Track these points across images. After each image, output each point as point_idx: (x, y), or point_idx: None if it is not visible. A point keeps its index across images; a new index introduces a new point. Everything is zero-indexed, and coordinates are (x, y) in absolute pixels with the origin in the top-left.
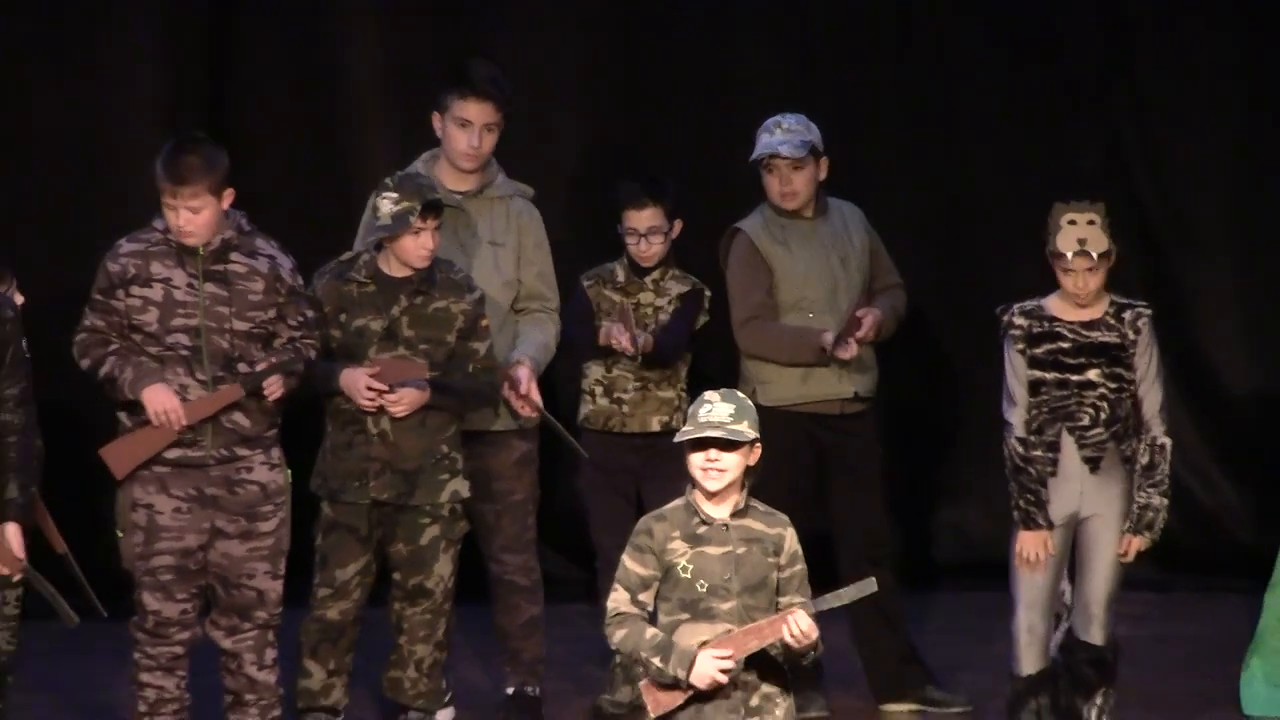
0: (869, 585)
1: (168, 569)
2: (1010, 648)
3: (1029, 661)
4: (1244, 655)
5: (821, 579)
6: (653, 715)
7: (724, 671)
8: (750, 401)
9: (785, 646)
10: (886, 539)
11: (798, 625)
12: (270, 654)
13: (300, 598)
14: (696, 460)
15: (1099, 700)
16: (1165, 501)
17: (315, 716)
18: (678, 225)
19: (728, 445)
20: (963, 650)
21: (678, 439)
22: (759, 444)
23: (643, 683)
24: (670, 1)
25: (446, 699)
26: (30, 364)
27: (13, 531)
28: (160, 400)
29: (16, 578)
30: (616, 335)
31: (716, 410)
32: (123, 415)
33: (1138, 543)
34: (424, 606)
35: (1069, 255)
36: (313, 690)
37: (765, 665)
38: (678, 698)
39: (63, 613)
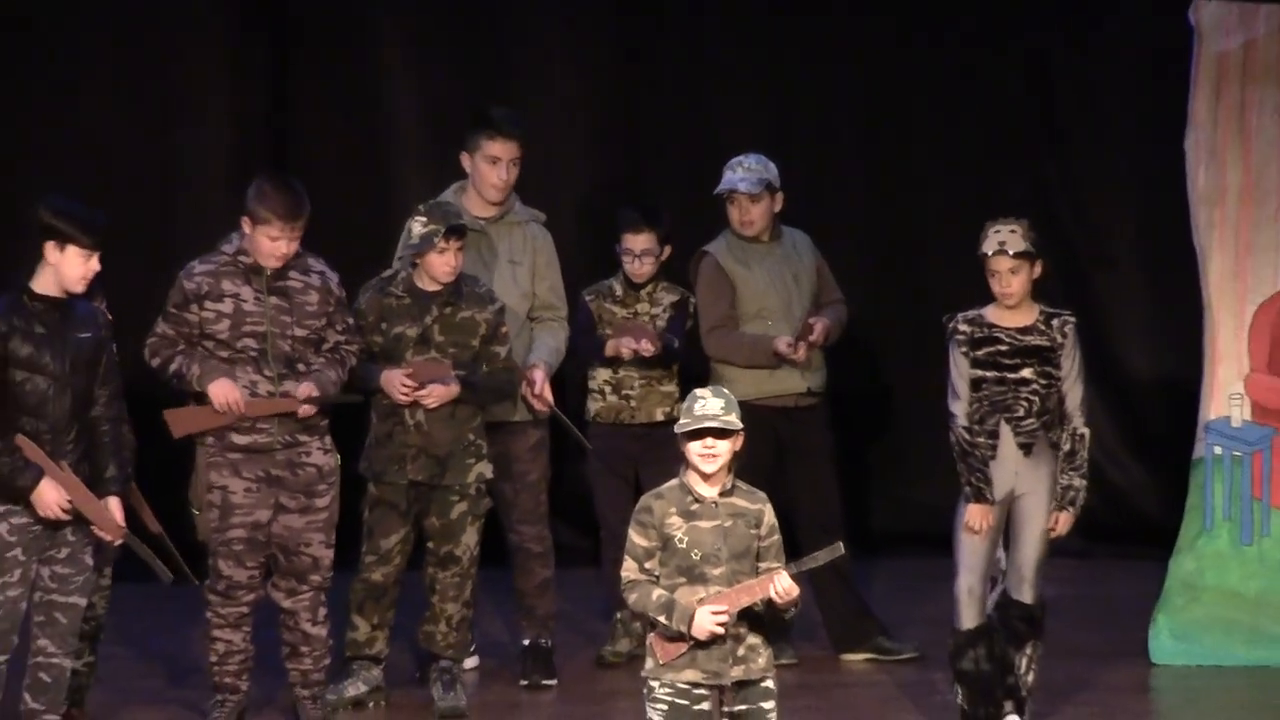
0: (838, 549)
1: (240, 540)
2: (952, 605)
3: (968, 617)
4: (1152, 613)
5: (786, 548)
6: (661, 662)
7: (720, 624)
8: (734, 396)
9: (769, 603)
10: (838, 511)
11: (780, 585)
12: (322, 611)
13: (348, 563)
14: (694, 448)
15: (1029, 651)
16: (1084, 482)
17: (361, 664)
18: (667, 249)
19: (720, 434)
20: (906, 607)
21: (677, 429)
22: (743, 432)
23: (652, 635)
24: (663, 59)
25: (472, 649)
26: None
27: (114, 504)
28: (224, 392)
29: (118, 542)
30: (626, 345)
31: (709, 404)
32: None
33: (1064, 518)
34: (453, 571)
35: (990, 254)
36: (359, 641)
37: (750, 620)
38: (681, 647)
39: (158, 570)
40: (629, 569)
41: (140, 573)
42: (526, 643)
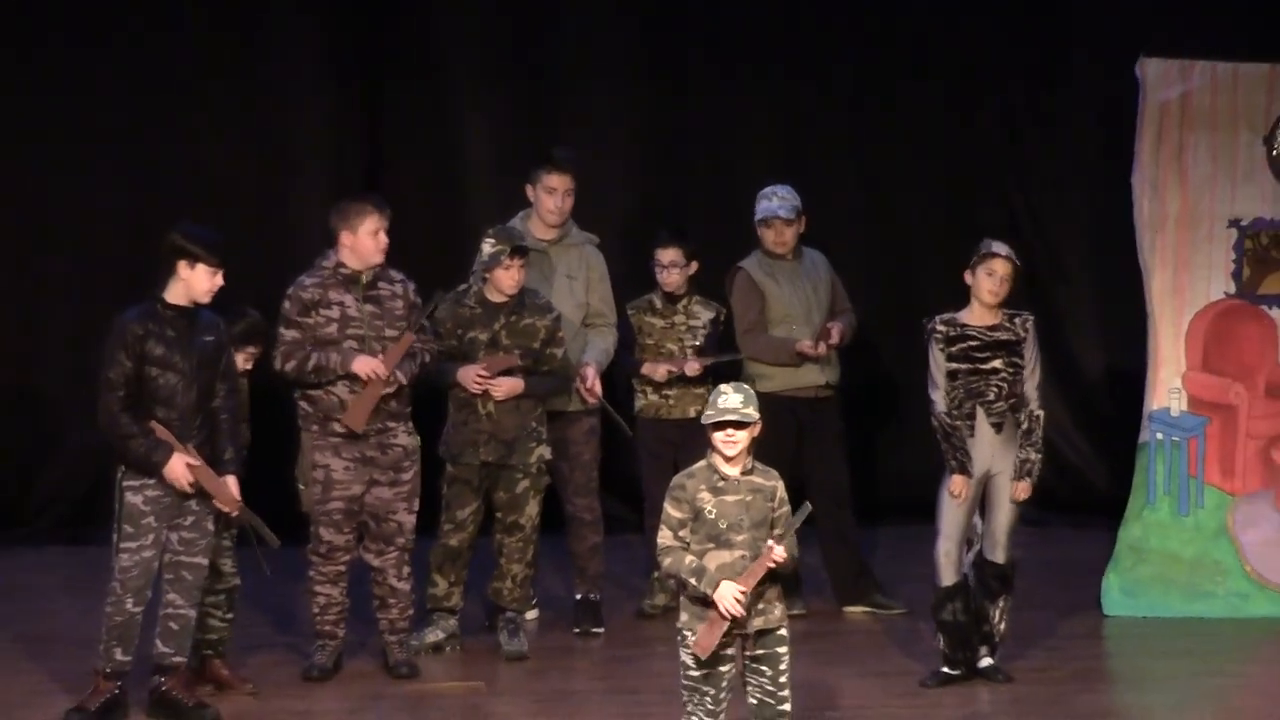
0: (806, 509)
1: (338, 510)
2: (934, 566)
3: (948, 576)
4: (1104, 572)
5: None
6: (703, 657)
7: (738, 601)
8: (753, 391)
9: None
10: (847, 486)
11: (775, 556)
12: (406, 570)
13: (428, 530)
14: (718, 436)
15: (1001, 603)
16: (1040, 456)
17: (440, 615)
18: (694, 265)
19: (739, 425)
20: (899, 568)
21: (703, 421)
22: (760, 423)
23: (693, 627)
24: (691, 107)
25: (533, 603)
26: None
27: (231, 481)
28: (367, 364)
29: (235, 513)
30: (665, 367)
31: (730, 399)
32: (304, 399)
33: (1023, 486)
34: (517, 537)
35: (1001, 255)
36: (438, 596)
37: (768, 579)
38: (716, 637)
39: (268, 537)
40: (664, 537)
41: (249, 539)
42: (579, 597)
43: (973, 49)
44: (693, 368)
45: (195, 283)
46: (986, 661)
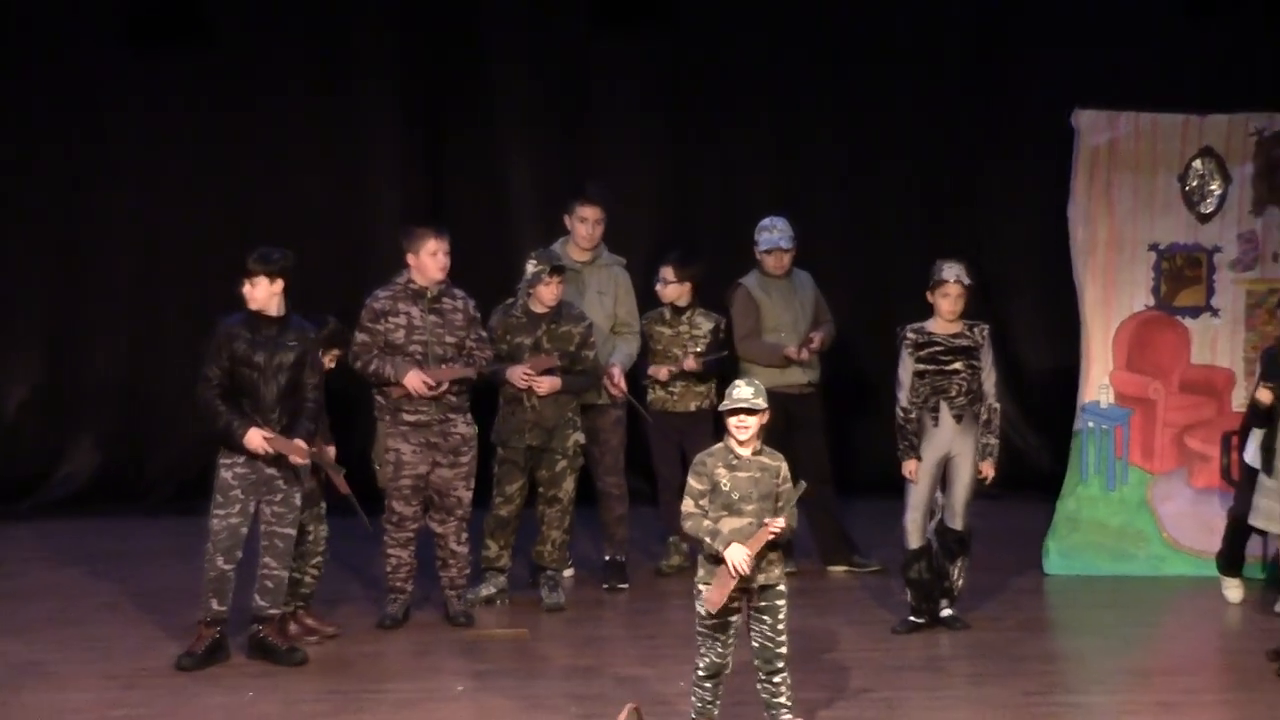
0: (802, 486)
1: (408, 487)
2: (902, 532)
3: (914, 540)
4: (1044, 538)
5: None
6: (713, 611)
7: (745, 563)
8: (762, 385)
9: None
10: (828, 466)
11: (775, 527)
12: (464, 536)
13: (483, 502)
14: (732, 422)
15: (959, 564)
16: (998, 441)
17: (492, 573)
18: (688, 285)
19: (750, 412)
20: (873, 534)
21: (720, 409)
22: (768, 411)
23: (707, 595)
24: (701, 152)
25: (569, 563)
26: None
27: (300, 442)
28: (413, 379)
29: (304, 463)
30: (667, 368)
31: (743, 391)
32: (380, 394)
33: (987, 466)
34: (557, 508)
35: (951, 280)
36: (490, 558)
37: (770, 545)
38: (725, 594)
39: (364, 520)
40: (687, 505)
41: (339, 512)
42: (607, 558)
43: (938, 99)
44: (689, 364)
45: (254, 293)
46: (947, 612)
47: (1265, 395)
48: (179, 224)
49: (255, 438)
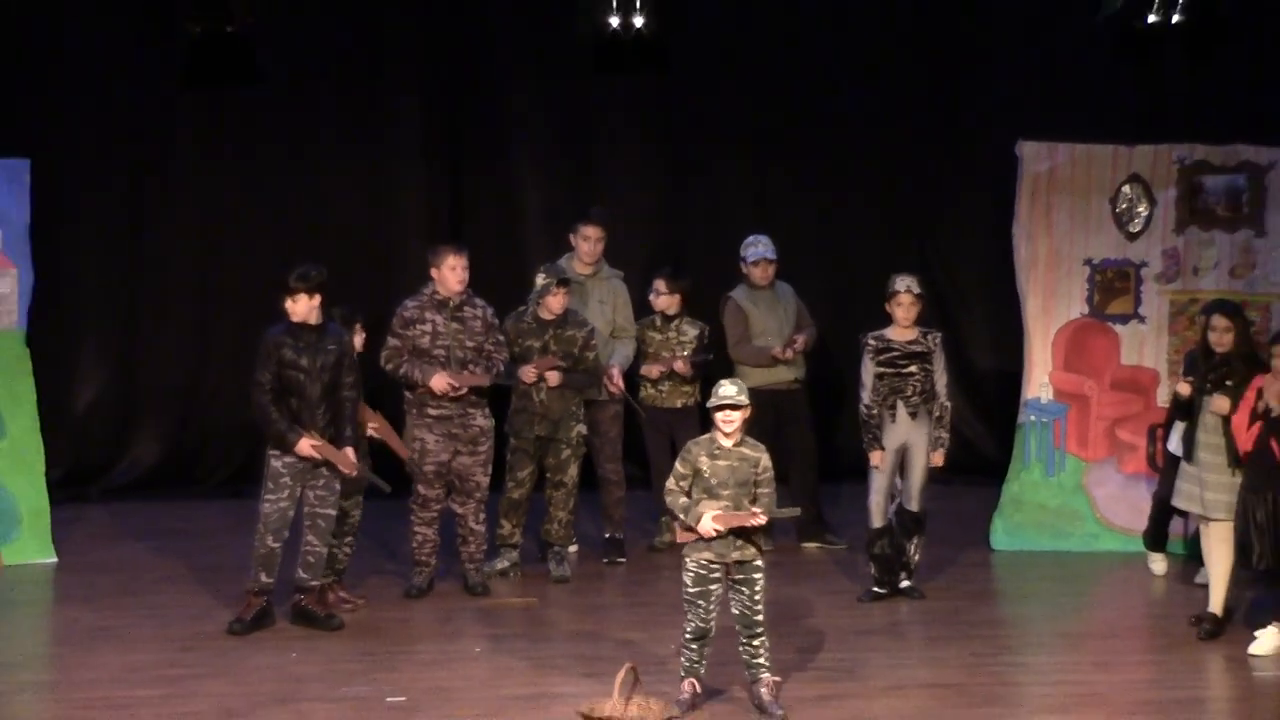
0: (796, 512)
1: (432, 472)
2: (867, 513)
3: (876, 519)
4: (991, 517)
5: (781, 478)
6: (679, 543)
7: (715, 527)
8: (749, 384)
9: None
10: (815, 454)
11: (756, 521)
12: (482, 515)
13: (497, 486)
14: (719, 416)
15: (915, 541)
16: (948, 435)
17: (505, 549)
18: (678, 296)
19: (734, 407)
20: (844, 514)
21: (708, 405)
22: (750, 407)
23: (675, 525)
24: (693, 180)
25: (573, 540)
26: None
27: (349, 451)
28: (439, 381)
29: (353, 474)
30: (658, 367)
31: (728, 389)
32: (408, 390)
33: (937, 456)
34: (562, 491)
35: (902, 291)
36: (504, 535)
37: (750, 531)
38: (691, 537)
39: (380, 484)
40: (669, 483)
41: (369, 493)
42: (607, 535)
43: (899, 134)
44: (679, 367)
45: (295, 309)
46: (905, 583)
47: (1185, 389)
48: (230, 242)
49: (305, 447)
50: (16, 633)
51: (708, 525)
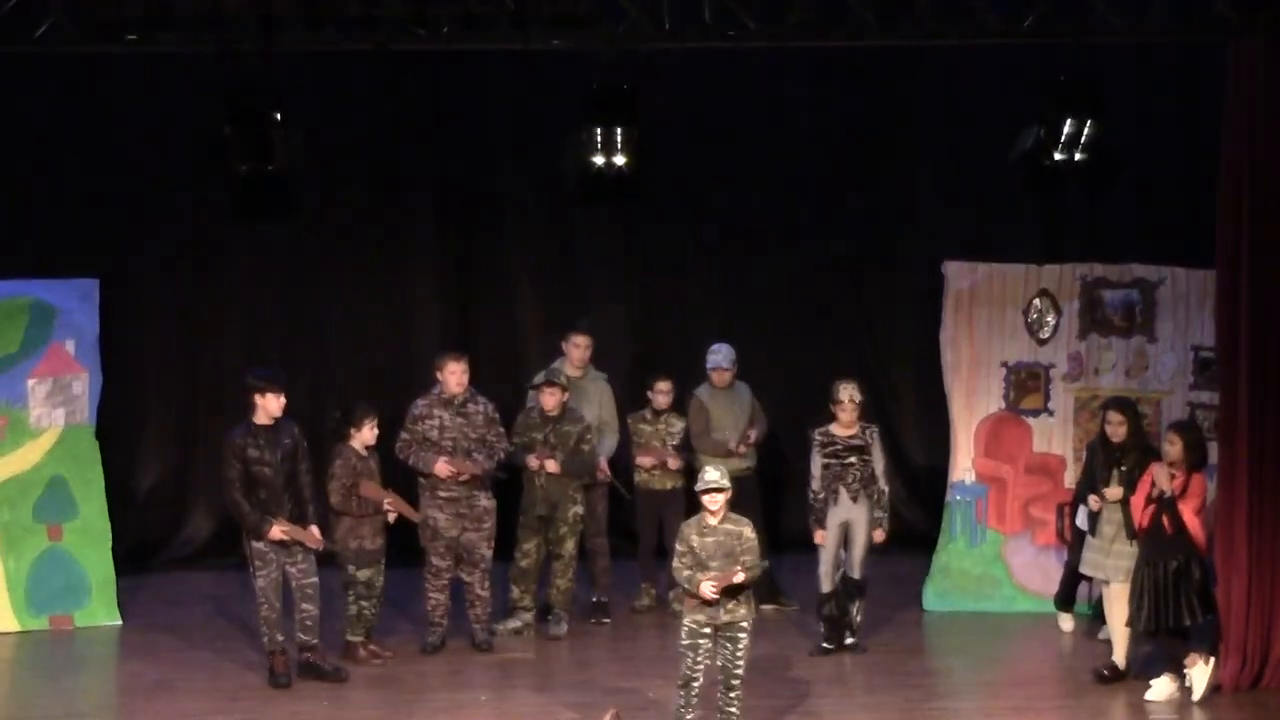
0: (765, 564)
1: (443, 546)
2: (817, 580)
3: (826, 585)
4: (923, 582)
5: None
6: (686, 609)
7: (713, 592)
8: (725, 469)
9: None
10: (762, 534)
11: (736, 579)
12: (486, 583)
13: (505, 556)
14: (705, 499)
15: (858, 603)
16: (885, 514)
17: (518, 611)
18: (672, 395)
19: (718, 490)
20: (797, 581)
21: (696, 489)
22: (731, 489)
23: (680, 595)
24: (667, 289)
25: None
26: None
27: (313, 529)
28: (440, 468)
29: (321, 548)
30: (649, 459)
31: (712, 474)
32: (422, 479)
33: (879, 533)
34: (562, 562)
35: (845, 401)
36: (515, 599)
37: (736, 590)
38: (694, 602)
39: (410, 513)
40: (675, 562)
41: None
42: (594, 599)
43: (840, 250)
44: (674, 462)
45: (268, 406)
46: (850, 640)
47: (1096, 503)
48: (269, 345)
49: (276, 533)
50: (87, 686)
51: (707, 590)
